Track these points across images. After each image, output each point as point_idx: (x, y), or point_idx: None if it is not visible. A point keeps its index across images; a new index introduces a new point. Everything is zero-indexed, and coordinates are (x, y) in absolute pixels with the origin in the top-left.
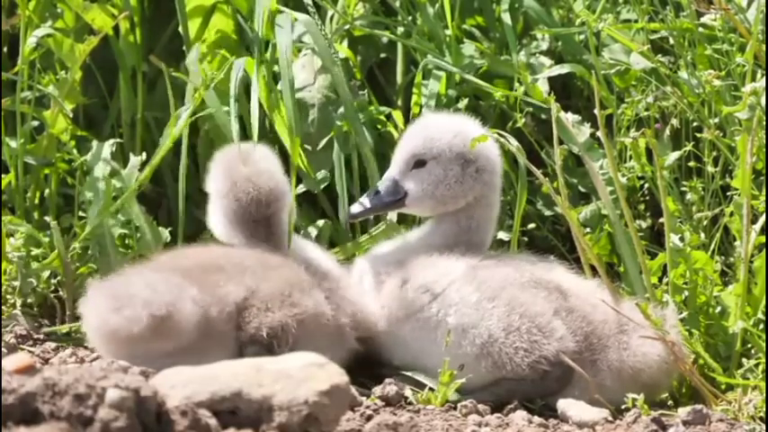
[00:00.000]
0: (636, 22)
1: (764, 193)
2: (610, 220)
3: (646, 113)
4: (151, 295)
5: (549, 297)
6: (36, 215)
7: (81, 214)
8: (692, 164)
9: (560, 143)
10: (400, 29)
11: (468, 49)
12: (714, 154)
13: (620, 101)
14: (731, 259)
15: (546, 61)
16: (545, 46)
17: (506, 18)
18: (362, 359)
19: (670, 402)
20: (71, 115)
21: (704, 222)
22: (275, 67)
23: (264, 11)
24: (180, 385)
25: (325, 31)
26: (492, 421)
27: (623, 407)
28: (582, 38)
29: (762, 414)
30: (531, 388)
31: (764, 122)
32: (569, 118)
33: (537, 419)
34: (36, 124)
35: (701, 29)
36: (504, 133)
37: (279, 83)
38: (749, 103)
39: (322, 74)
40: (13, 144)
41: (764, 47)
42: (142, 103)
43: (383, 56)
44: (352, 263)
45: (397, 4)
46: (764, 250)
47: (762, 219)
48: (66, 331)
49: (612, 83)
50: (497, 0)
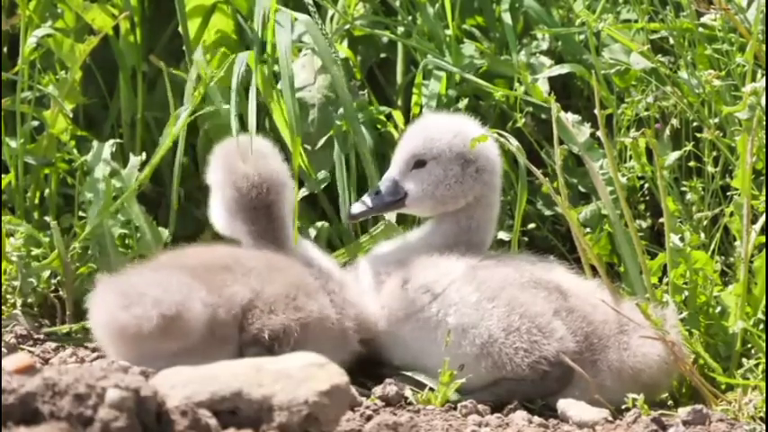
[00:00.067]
0: (636, 22)
1: (764, 193)
2: (610, 220)
3: (646, 113)
4: (161, 294)
5: (549, 297)
6: (36, 215)
7: (81, 214)
8: (692, 164)
9: (560, 143)
10: (400, 29)
11: (468, 49)
12: (714, 154)
13: (620, 101)
14: (731, 259)
15: (546, 61)
16: (545, 46)
17: (506, 18)
18: (362, 359)
19: (670, 402)
20: (71, 115)
21: (704, 222)
22: (275, 67)
23: (264, 11)
24: (180, 385)
25: (326, 30)
26: (492, 421)
27: (623, 407)
28: (582, 38)
29: (762, 414)
30: (531, 388)
31: (764, 122)
32: (569, 118)
33: (537, 419)
34: (36, 124)
35: (701, 29)
36: (504, 133)
37: (279, 82)
38: (749, 103)
39: (322, 74)
40: (13, 144)
41: (764, 47)
42: (142, 103)
43: (383, 56)
44: (354, 264)
45: (397, 4)
46: (764, 250)
47: (762, 219)
48: (67, 331)
49: (612, 83)
50: (497, 0)
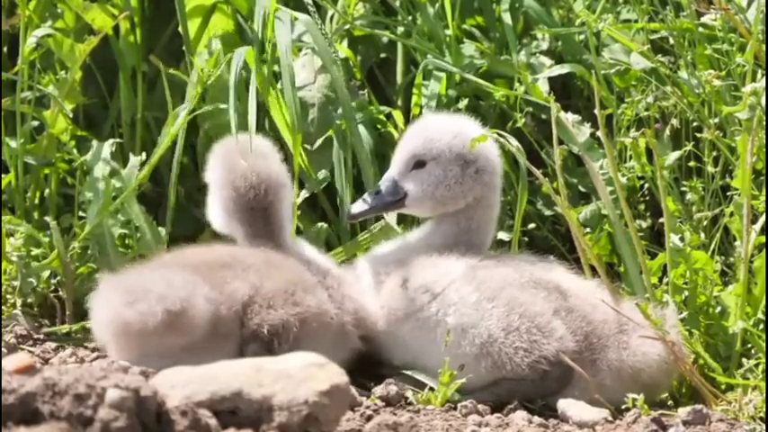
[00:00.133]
0: (636, 22)
1: (764, 193)
2: (610, 220)
3: (646, 113)
4: (166, 290)
5: (549, 297)
6: (36, 215)
7: (81, 214)
8: (692, 164)
9: (560, 143)
10: (400, 29)
11: (468, 49)
12: (714, 154)
13: (620, 101)
14: (731, 259)
15: (546, 61)
16: (545, 46)
17: (506, 18)
18: (362, 359)
19: (670, 402)
20: (71, 115)
21: (704, 222)
22: (275, 67)
23: (264, 10)
24: (180, 385)
25: (326, 30)
26: (492, 421)
27: (623, 407)
28: (582, 38)
29: (762, 414)
30: (531, 388)
31: (764, 122)
32: (569, 118)
33: (537, 419)
34: (36, 124)
35: (701, 29)
36: (504, 133)
37: (279, 82)
38: (749, 103)
39: (322, 73)
40: (13, 144)
41: (764, 47)
42: (142, 103)
43: (383, 56)
44: (352, 263)
45: (397, 3)
46: (764, 250)
47: (762, 219)
48: (66, 331)
49: (612, 83)
50: (497, 0)
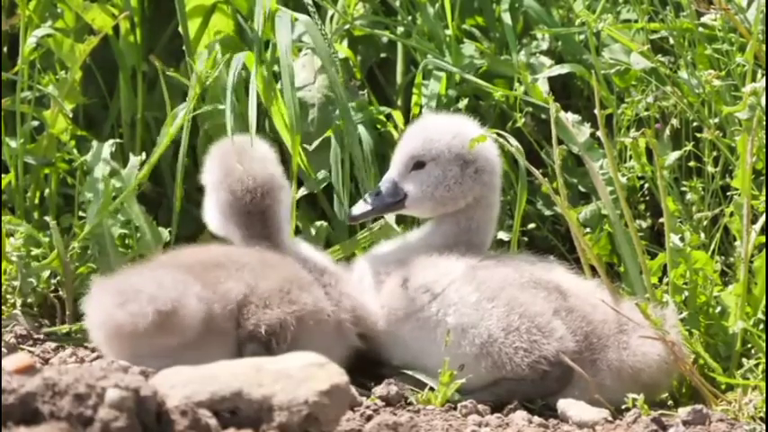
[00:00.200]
0: (636, 22)
1: (764, 193)
2: (610, 220)
3: (646, 113)
4: (156, 291)
5: (549, 297)
6: (36, 215)
7: (81, 214)
8: (692, 164)
9: (560, 143)
10: (400, 29)
11: (468, 49)
12: (714, 154)
13: (620, 101)
14: (731, 259)
15: (546, 61)
16: (545, 46)
17: (506, 18)
18: (362, 359)
19: (670, 402)
20: (71, 115)
21: (704, 222)
22: (275, 67)
23: (264, 11)
24: (180, 385)
25: (326, 30)
26: (492, 421)
27: (623, 407)
28: (582, 38)
29: (762, 414)
30: (531, 388)
31: (764, 122)
32: (569, 118)
33: (537, 419)
34: (36, 124)
35: (701, 29)
36: (504, 133)
37: (279, 82)
38: (749, 103)
39: (322, 73)
40: (13, 144)
41: (764, 47)
42: (142, 103)
43: (383, 56)
44: (350, 261)
45: (397, 3)
46: (764, 250)
47: (762, 219)
48: (66, 331)
49: (612, 83)
50: (497, 0)
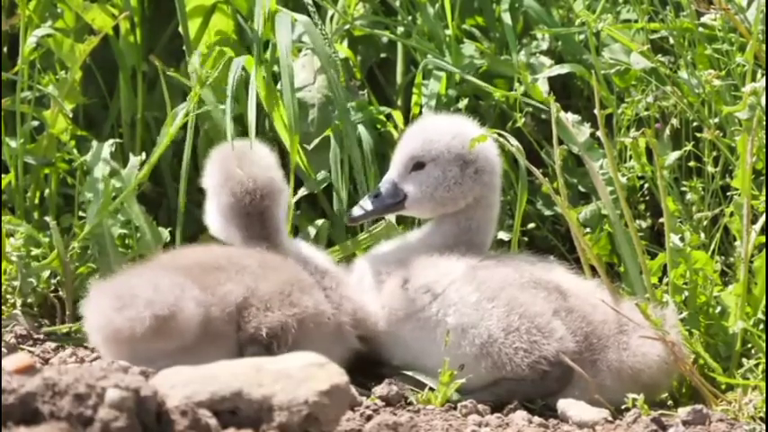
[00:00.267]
0: (636, 22)
1: (764, 193)
2: (610, 220)
3: (646, 113)
4: (154, 295)
5: (549, 297)
6: (36, 215)
7: (81, 214)
8: (692, 164)
9: (560, 143)
10: (400, 29)
11: (468, 49)
12: (714, 154)
13: (620, 101)
14: (731, 259)
15: (546, 61)
16: (545, 46)
17: (506, 18)
18: (362, 359)
19: (670, 402)
20: (71, 115)
21: (704, 222)
22: (275, 67)
23: (264, 11)
24: (180, 385)
25: (326, 30)
26: (492, 421)
27: (623, 407)
28: (582, 38)
29: (762, 414)
30: (531, 388)
31: (764, 122)
32: (569, 118)
33: (537, 419)
34: (36, 124)
35: (701, 29)
36: (504, 133)
37: (278, 82)
38: (749, 103)
39: (322, 74)
40: (13, 144)
41: (764, 47)
42: (142, 103)
43: (383, 56)
44: (351, 262)
45: (397, 3)
46: (764, 250)
47: (762, 219)
48: (66, 331)
49: (612, 83)
50: (497, 0)
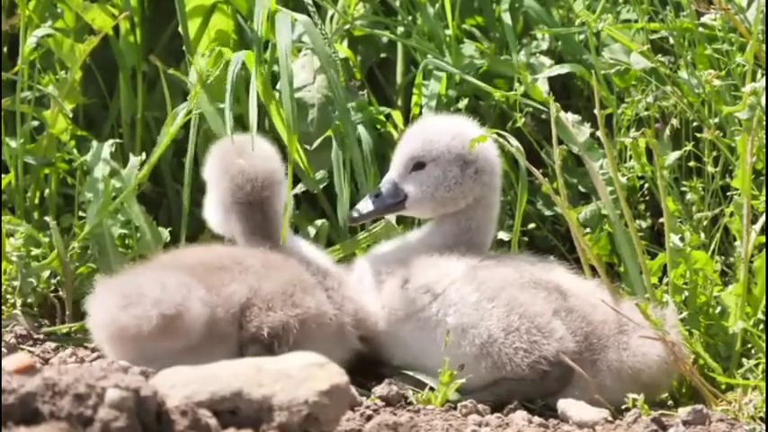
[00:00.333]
0: (636, 22)
1: (764, 193)
2: (610, 220)
3: (646, 113)
4: (161, 294)
5: (549, 297)
6: (36, 215)
7: (81, 214)
8: (692, 164)
9: (560, 143)
10: (400, 29)
11: (468, 49)
12: (714, 154)
13: (620, 101)
14: (731, 259)
15: (546, 61)
16: (545, 46)
17: (506, 18)
18: (362, 359)
19: (670, 402)
20: (71, 115)
21: (704, 222)
22: (275, 67)
23: (264, 11)
24: (180, 385)
25: (325, 30)
26: (492, 421)
27: (623, 407)
28: (582, 38)
29: (762, 414)
30: (531, 388)
31: (764, 122)
32: (569, 118)
33: (537, 419)
34: (36, 124)
35: (701, 29)
36: (504, 133)
37: (278, 82)
38: (749, 103)
39: (322, 74)
40: (13, 144)
41: (764, 47)
42: (142, 103)
43: (383, 56)
44: (351, 261)
45: (397, 3)
46: (764, 250)
47: (762, 219)
48: (66, 331)
49: (612, 83)
50: (497, 0)
